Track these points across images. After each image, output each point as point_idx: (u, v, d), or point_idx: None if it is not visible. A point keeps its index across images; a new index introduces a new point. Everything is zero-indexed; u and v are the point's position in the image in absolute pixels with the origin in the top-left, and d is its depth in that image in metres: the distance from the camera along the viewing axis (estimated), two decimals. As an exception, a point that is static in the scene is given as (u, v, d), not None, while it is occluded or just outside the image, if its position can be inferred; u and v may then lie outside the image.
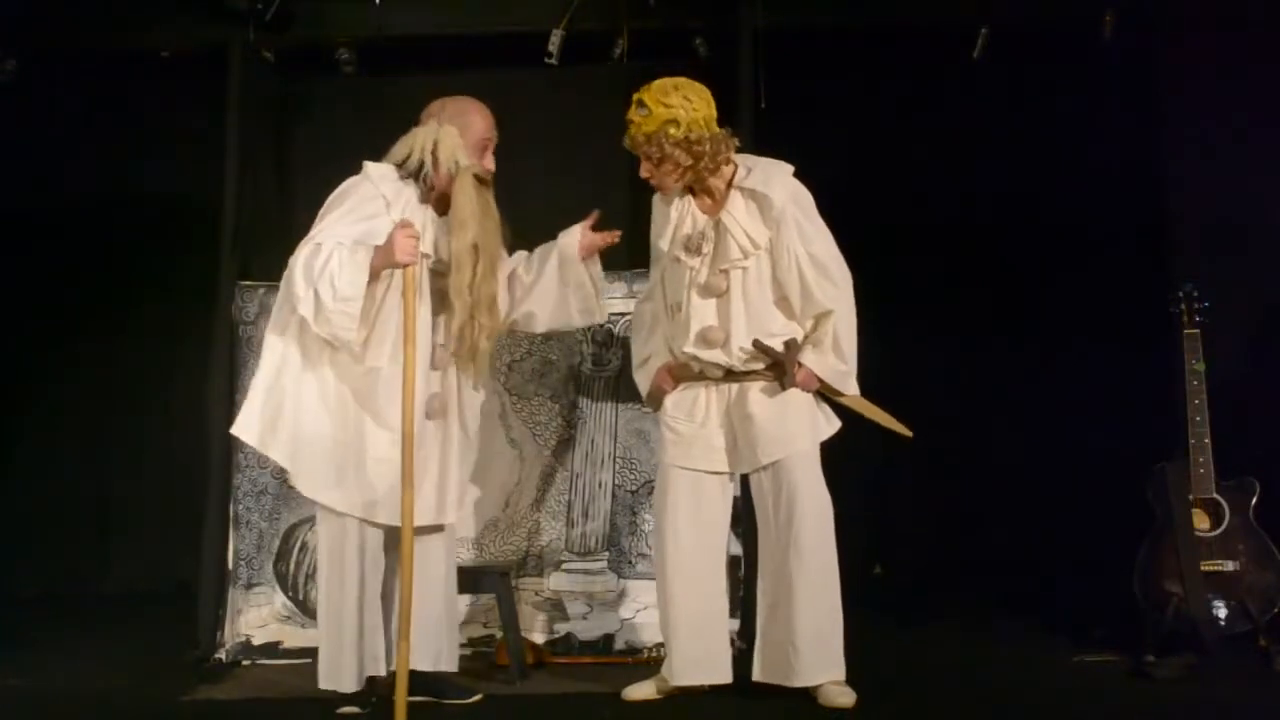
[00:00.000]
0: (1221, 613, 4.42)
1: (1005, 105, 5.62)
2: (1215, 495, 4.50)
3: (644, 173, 3.97)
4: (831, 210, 4.11)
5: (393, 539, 3.85)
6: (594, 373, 4.93)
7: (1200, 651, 4.27)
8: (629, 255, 4.66)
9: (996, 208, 5.70)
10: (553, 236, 4.15)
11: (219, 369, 4.94)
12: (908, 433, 4.10)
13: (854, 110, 5.74)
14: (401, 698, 3.64)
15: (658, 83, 3.94)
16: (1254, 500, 4.49)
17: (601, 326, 4.85)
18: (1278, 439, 4.72)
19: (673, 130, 3.86)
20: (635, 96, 3.93)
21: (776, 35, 5.07)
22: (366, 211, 3.85)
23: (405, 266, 3.71)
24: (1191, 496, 4.50)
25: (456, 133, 3.90)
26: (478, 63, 5.33)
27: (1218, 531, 4.48)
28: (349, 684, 3.90)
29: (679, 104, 3.88)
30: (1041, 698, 4.00)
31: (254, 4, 5.07)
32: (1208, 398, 4.50)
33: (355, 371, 3.86)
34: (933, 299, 5.70)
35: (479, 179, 3.90)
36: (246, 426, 3.92)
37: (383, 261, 3.72)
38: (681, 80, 3.96)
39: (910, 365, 5.59)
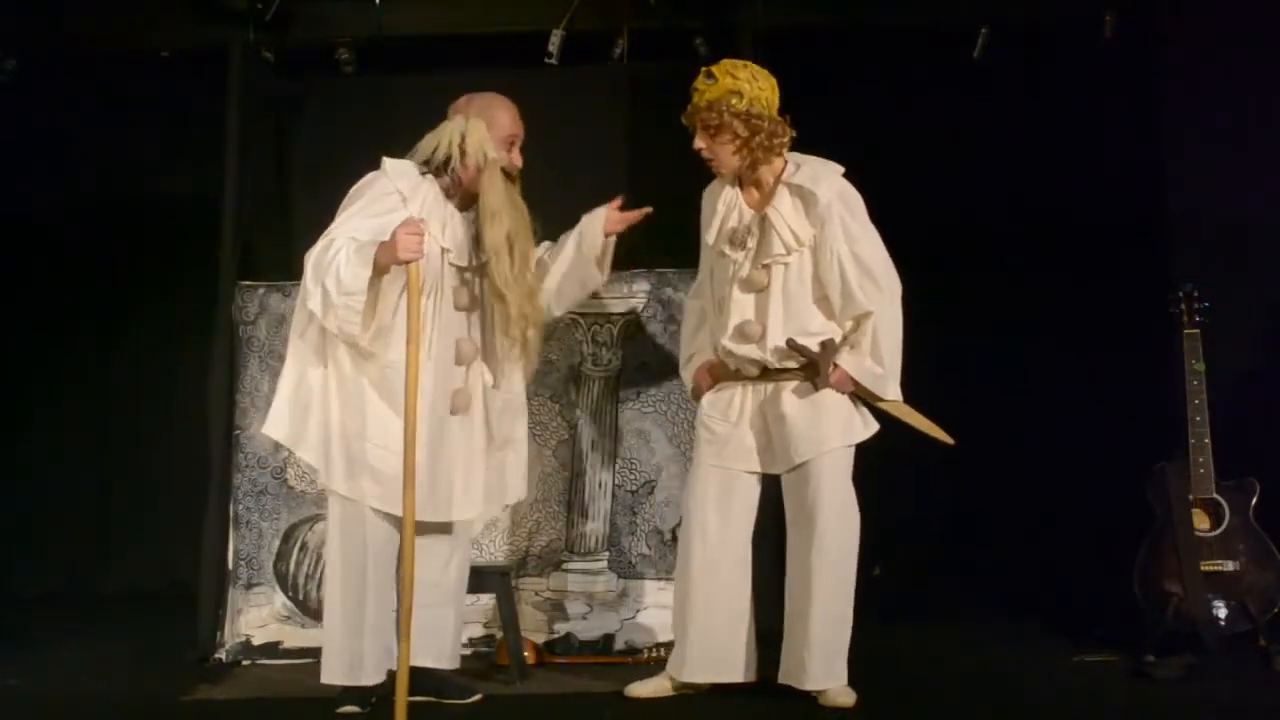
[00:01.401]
0: (1221, 613, 4.42)
1: (1005, 105, 5.62)
2: (1215, 495, 4.50)
3: (699, 143, 3.95)
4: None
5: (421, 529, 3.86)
6: (594, 373, 4.93)
7: (1200, 651, 4.27)
8: (628, 255, 4.65)
9: (996, 207, 5.70)
10: (552, 236, 4.16)
11: (219, 369, 4.94)
12: (950, 440, 4.08)
13: (854, 110, 5.73)
14: (402, 698, 3.64)
15: (728, 59, 4.02)
16: (1254, 500, 4.49)
17: (602, 326, 4.87)
18: (1278, 439, 4.71)
19: (735, 101, 3.89)
20: (704, 69, 3.96)
21: (776, 35, 5.07)
22: (382, 207, 3.85)
23: (407, 264, 3.72)
24: (1191, 496, 4.50)
25: (484, 126, 3.92)
26: (478, 63, 5.32)
27: (1218, 531, 4.48)
28: (348, 678, 3.90)
29: (746, 78, 3.93)
30: (1041, 698, 4.00)
31: (254, 4, 5.07)
32: (1208, 398, 4.50)
33: (374, 365, 3.87)
34: (933, 298, 5.66)
35: (506, 173, 3.92)
36: (277, 425, 3.93)
37: (387, 258, 3.71)
38: (752, 63, 4.03)
39: (909, 365, 5.59)
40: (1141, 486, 4.60)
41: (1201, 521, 4.50)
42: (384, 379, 3.85)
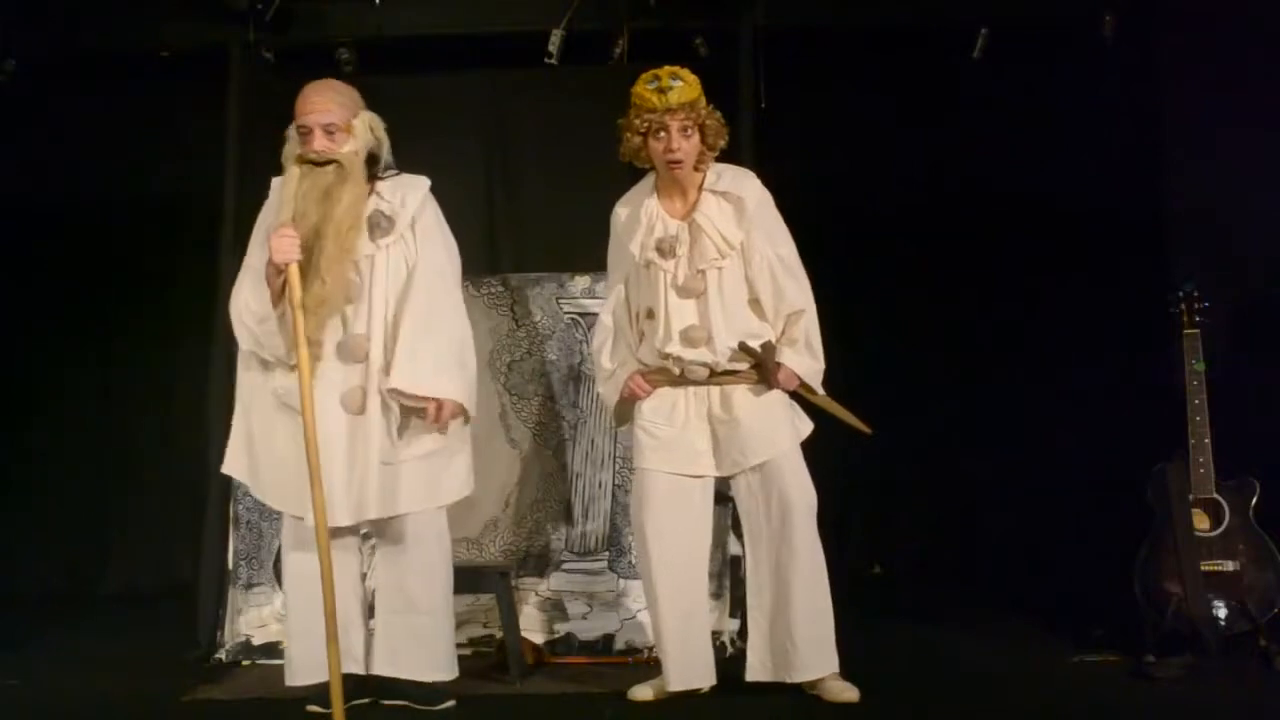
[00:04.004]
0: (1221, 613, 4.41)
1: (1005, 105, 5.62)
2: (1215, 495, 4.49)
3: (674, 144, 3.93)
4: (831, 209, 4.12)
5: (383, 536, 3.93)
6: (594, 373, 4.92)
7: (1200, 651, 4.27)
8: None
9: (996, 207, 5.70)
10: (551, 236, 4.15)
11: (219, 369, 4.94)
12: (868, 430, 4.11)
13: (854, 110, 5.74)
14: (338, 700, 3.63)
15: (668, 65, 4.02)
16: (1254, 500, 4.49)
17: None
18: (1278, 439, 4.71)
19: (702, 103, 3.95)
20: (656, 73, 3.95)
21: (776, 35, 5.07)
22: (268, 223, 3.91)
23: (285, 265, 3.72)
24: (1191, 496, 4.49)
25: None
26: (478, 63, 5.33)
27: (1218, 531, 4.48)
28: (302, 679, 3.94)
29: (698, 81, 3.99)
30: (1041, 698, 4.00)
31: (254, 4, 5.07)
32: (1208, 398, 4.50)
33: (282, 378, 3.88)
34: (933, 298, 5.70)
35: (302, 161, 3.88)
36: (232, 461, 4.03)
37: (271, 270, 3.77)
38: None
39: (910, 365, 5.60)
40: (1141, 486, 4.60)
41: (1201, 521, 4.49)
42: (287, 390, 3.85)
